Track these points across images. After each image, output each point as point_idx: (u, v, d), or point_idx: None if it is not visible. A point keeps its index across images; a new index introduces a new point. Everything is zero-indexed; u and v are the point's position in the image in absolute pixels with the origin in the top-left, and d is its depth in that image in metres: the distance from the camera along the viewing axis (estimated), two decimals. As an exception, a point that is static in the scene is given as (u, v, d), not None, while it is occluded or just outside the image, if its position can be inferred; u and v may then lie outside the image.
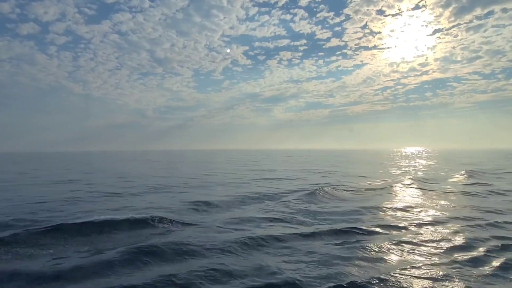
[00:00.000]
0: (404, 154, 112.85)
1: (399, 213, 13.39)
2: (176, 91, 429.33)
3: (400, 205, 15.03)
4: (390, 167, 43.29)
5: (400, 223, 11.49)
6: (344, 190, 20.18)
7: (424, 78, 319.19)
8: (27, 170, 42.14)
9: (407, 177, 27.60)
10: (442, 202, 15.94)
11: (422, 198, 17.19)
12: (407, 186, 22.04)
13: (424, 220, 11.89)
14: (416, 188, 21.14)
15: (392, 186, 21.40)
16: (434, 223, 11.57)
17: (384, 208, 14.30)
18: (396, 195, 18.33)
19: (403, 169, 40.28)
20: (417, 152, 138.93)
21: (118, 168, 44.63)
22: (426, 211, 13.73)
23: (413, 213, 13.35)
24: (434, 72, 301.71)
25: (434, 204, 15.30)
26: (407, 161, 61.95)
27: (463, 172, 30.48)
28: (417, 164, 50.41)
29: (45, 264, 7.56)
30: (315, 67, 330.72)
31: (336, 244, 9.11)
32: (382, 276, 6.77)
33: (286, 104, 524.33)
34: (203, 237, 9.58)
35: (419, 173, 33.81)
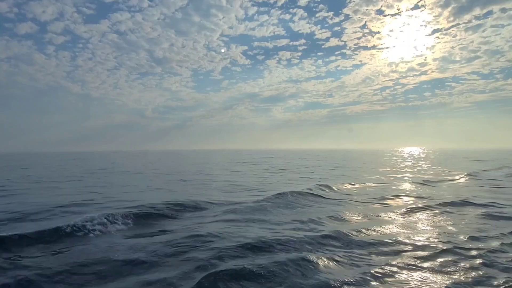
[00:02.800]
0: (413, 153, 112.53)
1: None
2: (175, 91, 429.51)
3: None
4: (427, 165, 43.53)
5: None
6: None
7: (423, 78, 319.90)
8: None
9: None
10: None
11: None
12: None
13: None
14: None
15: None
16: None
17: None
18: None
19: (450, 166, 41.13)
20: (419, 152, 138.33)
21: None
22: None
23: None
24: (433, 72, 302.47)
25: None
26: (426, 160, 61.89)
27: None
28: (440, 161, 51.02)
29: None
30: (314, 67, 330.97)
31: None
32: None
33: (285, 104, 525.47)
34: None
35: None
